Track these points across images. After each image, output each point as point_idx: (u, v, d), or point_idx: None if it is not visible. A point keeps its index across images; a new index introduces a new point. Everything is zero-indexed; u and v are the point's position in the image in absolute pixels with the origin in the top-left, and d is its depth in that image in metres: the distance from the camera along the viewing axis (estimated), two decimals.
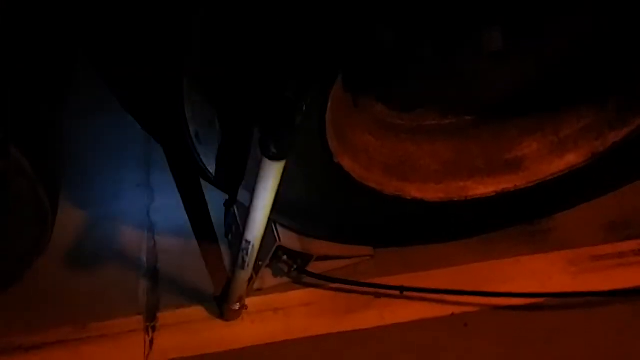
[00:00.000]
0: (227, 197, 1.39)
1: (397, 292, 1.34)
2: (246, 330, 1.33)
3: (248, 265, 1.13)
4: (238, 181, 1.12)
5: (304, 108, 0.76)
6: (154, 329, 1.32)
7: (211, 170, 1.13)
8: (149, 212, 1.51)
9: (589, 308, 1.36)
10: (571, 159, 1.27)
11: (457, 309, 1.36)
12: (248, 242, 1.07)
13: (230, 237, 1.42)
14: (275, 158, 0.82)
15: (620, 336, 1.34)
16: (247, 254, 1.10)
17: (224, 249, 1.44)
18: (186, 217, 1.50)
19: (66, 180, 1.47)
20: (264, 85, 0.83)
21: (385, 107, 1.27)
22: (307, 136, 1.04)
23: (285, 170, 0.91)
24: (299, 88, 0.71)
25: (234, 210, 1.36)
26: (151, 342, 1.31)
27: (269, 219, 1.24)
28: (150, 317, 1.34)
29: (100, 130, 1.64)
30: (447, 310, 1.36)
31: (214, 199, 1.44)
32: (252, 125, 0.92)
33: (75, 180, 1.52)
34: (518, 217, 1.44)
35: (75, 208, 1.48)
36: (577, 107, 1.26)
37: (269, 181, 0.88)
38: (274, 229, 1.27)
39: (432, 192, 1.27)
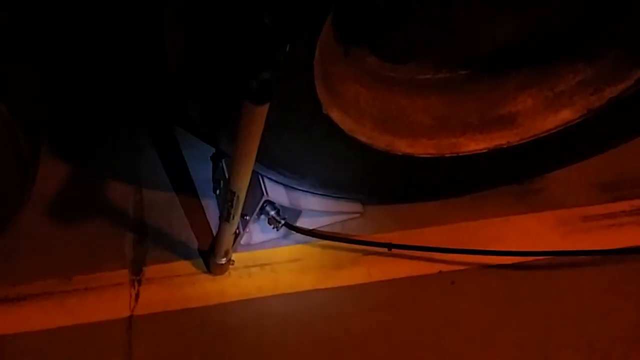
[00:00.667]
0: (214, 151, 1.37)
1: (385, 249, 1.34)
2: (232, 285, 1.33)
3: (233, 217, 1.11)
4: (222, 131, 1.09)
5: (287, 47, 0.73)
6: (139, 282, 1.32)
7: (196, 121, 1.10)
8: (136, 166, 1.49)
9: (578, 268, 1.36)
10: (566, 114, 1.24)
11: (445, 267, 1.36)
12: (233, 193, 1.05)
13: (217, 192, 1.40)
14: (257, 101, 0.79)
15: (608, 296, 1.35)
16: (232, 205, 1.08)
17: (211, 204, 1.42)
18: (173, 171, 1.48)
19: (52, 132, 1.45)
20: (246, 22, 0.80)
21: (377, 59, 1.24)
22: (295, 85, 1.01)
23: (269, 119, 0.88)
24: (278, 15, 0.67)
25: (222, 165, 1.34)
26: (137, 295, 1.30)
27: (256, 173, 1.22)
28: (136, 270, 1.33)
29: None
30: (434, 268, 1.36)
31: (203, 155, 1.42)
32: (235, 69, 0.89)
33: (61, 132, 1.49)
34: (510, 176, 1.43)
35: (62, 160, 1.46)
36: (574, 62, 1.23)
37: (252, 127, 0.85)
38: (261, 183, 1.25)
39: (423, 148, 1.25)
